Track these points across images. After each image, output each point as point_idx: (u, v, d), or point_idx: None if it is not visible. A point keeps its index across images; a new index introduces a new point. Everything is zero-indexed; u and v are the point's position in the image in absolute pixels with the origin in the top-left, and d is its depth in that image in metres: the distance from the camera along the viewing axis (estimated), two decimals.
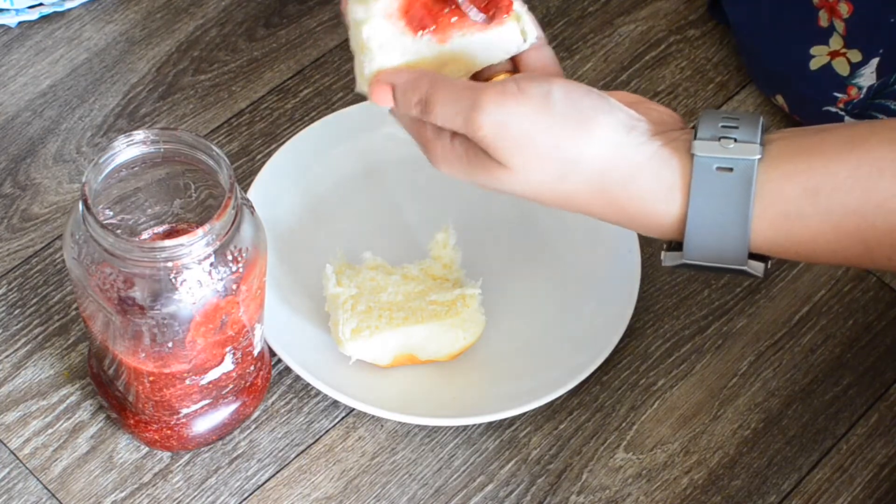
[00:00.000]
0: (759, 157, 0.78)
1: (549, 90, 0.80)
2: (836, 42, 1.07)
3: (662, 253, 0.82)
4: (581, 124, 0.80)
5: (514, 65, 0.88)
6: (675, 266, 0.81)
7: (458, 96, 0.81)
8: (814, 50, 1.08)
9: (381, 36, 0.85)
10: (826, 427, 0.98)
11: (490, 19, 0.86)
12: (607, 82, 1.14)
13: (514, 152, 0.80)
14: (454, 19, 0.86)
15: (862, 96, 1.05)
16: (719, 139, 0.79)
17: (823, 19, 1.07)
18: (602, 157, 0.80)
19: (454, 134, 0.82)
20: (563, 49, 1.15)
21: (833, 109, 1.07)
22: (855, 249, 0.78)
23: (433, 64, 0.86)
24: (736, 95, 1.14)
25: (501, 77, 0.86)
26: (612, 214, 0.81)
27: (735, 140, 0.79)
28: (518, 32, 0.87)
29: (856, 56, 1.06)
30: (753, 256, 0.80)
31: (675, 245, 0.81)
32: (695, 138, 0.80)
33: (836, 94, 1.07)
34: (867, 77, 1.05)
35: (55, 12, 1.13)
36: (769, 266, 0.81)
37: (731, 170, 0.78)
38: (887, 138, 0.77)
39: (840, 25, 1.06)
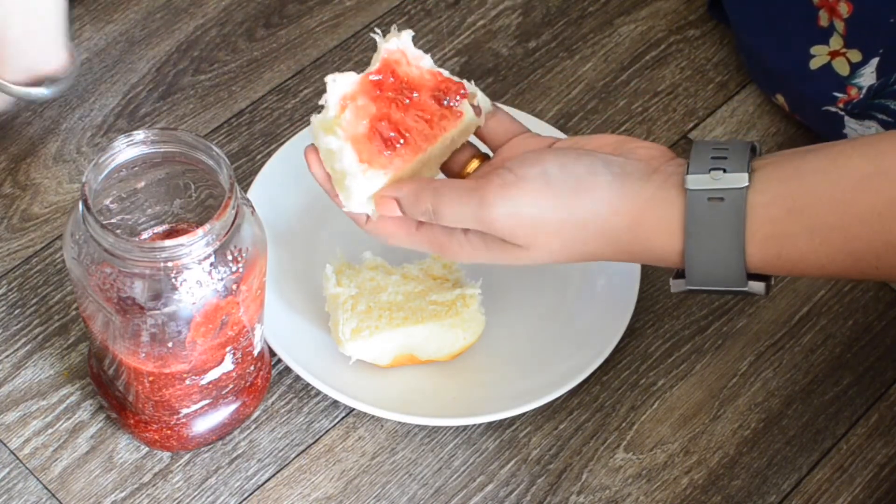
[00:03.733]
0: (746, 185, 0.82)
1: (545, 170, 0.85)
2: (836, 42, 1.07)
3: (671, 280, 0.86)
4: (582, 192, 0.85)
5: (480, 136, 0.93)
6: (682, 292, 0.86)
7: (463, 200, 0.86)
8: (814, 50, 1.08)
9: (357, 167, 0.88)
10: (826, 427, 0.98)
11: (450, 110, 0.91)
12: (607, 82, 1.14)
13: (529, 235, 0.85)
14: (420, 124, 0.89)
15: (862, 96, 1.05)
16: (710, 171, 0.83)
17: (823, 19, 1.08)
18: (606, 214, 0.85)
19: (467, 229, 0.87)
20: (563, 49, 1.16)
21: (833, 109, 1.07)
22: (843, 262, 0.82)
23: (413, 170, 0.89)
24: (736, 95, 1.14)
25: (474, 164, 0.91)
26: (622, 256, 0.87)
27: (724, 171, 0.83)
28: (474, 114, 0.91)
29: (856, 56, 1.06)
30: (753, 277, 0.84)
31: (681, 273, 0.85)
32: (687, 172, 0.84)
33: (836, 94, 1.06)
34: (867, 77, 1.05)
35: None
36: (772, 283, 0.85)
37: (721, 199, 0.83)
38: (865, 154, 0.81)
39: (840, 25, 1.06)
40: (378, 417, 0.95)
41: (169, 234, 0.91)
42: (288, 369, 0.97)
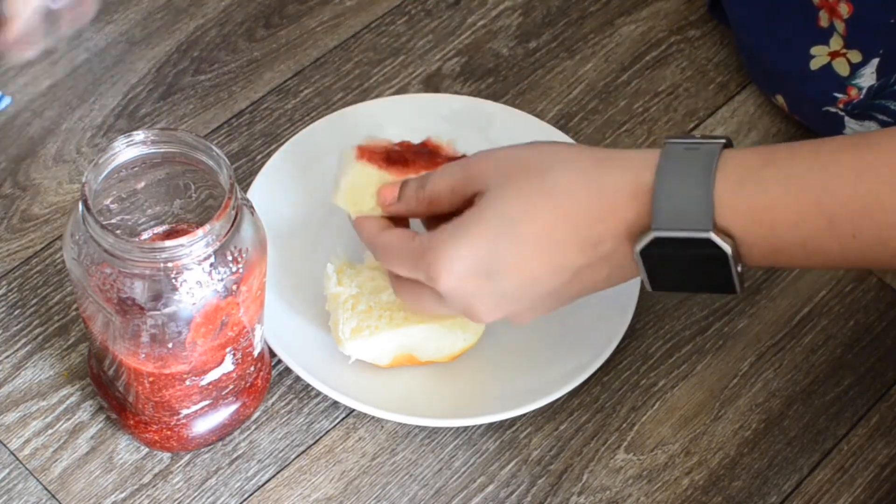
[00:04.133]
0: (723, 141, 0.82)
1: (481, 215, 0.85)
2: (836, 42, 1.07)
3: (637, 261, 0.84)
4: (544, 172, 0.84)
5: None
6: (645, 249, 0.82)
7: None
8: (814, 50, 1.08)
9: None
10: (827, 427, 0.98)
11: None
12: (608, 82, 1.14)
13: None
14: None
15: (862, 97, 1.05)
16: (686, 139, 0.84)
17: (823, 19, 1.07)
18: (567, 186, 0.84)
19: None
20: (564, 49, 1.15)
21: (833, 110, 1.07)
22: (816, 222, 0.80)
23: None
24: (736, 95, 1.14)
25: None
26: (589, 232, 0.84)
27: (701, 137, 0.84)
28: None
29: (856, 56, 1.06)
30: (720, 236, 0.81)
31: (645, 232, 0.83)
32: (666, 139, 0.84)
33: (836, 95, 1.06)
34: (867, 77, 1.05)
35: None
36: (737, 245, 0.82)
37: (697, 148, 0.82)
38: (839, 145, 0.81)
39: (840, 26, 1.06)
40: (378, 418, 0.95)
41: (169, 235, 0.91)
42: (288, 370, 0.97)
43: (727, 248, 0.81)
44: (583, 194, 0.83)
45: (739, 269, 0.83)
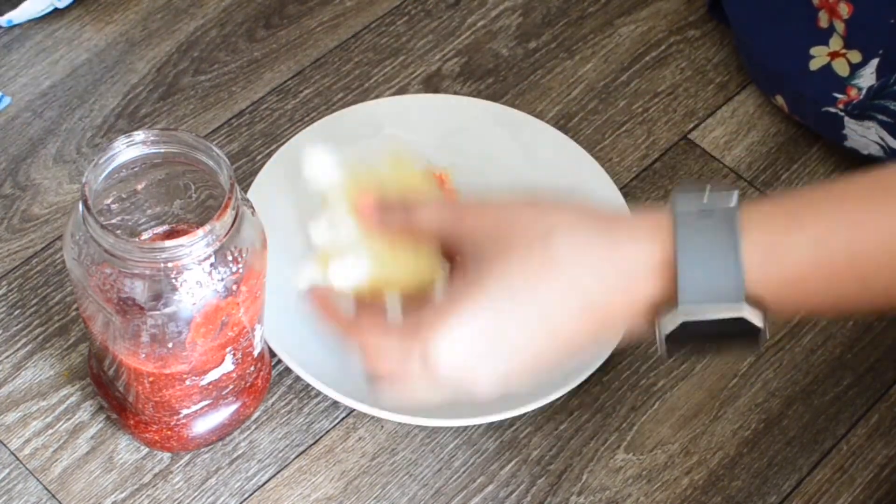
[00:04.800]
0: (736, 202, 0.76)
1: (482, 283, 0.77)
2: (835, 43, 1.07)
3: (657, 334, 0.77)
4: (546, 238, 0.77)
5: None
6: (672, 335, 0.76)
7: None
8: (814, 50, 1.08)
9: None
10: (826, 427, 0.98)
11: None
12: (607, 83, 1.14)
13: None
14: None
15: (862, 97, 1.05)
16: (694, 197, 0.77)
17: (823, 20, 1.08)
18: (571, 251, 0.77)
19: None
20: (563, 49, 1.15)
21: (833, 110, 1.07)
22: (850, 286, 0.75)
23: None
24: (736, 96, 1.14)
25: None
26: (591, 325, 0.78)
27: (709, 189, 0.76)
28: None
29: (856, 57, 1.06)
30: (752, 312, 0.76)
31: (663, 312, 0.77)
32: (674, 206, 0.76)
33: (836, 95, 1.06)
34: (867, 78, 1.05)
35: (55, 9, 1.13)
36: (767, 320, 0.76)
37: (711, 212, 0.75)
38: (861, 195, 0.75)
39: (840, 26, 1.06)
40: (378, 418, 0.95)
41: (169, 235, 0.91)
42: (288, 370, 0.97)
43: (760, 324, 0.75)
44: (593, 264, 0.77)
45: (767, 334, 0.77)
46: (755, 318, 0.75)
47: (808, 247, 0.74)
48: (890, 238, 0.74)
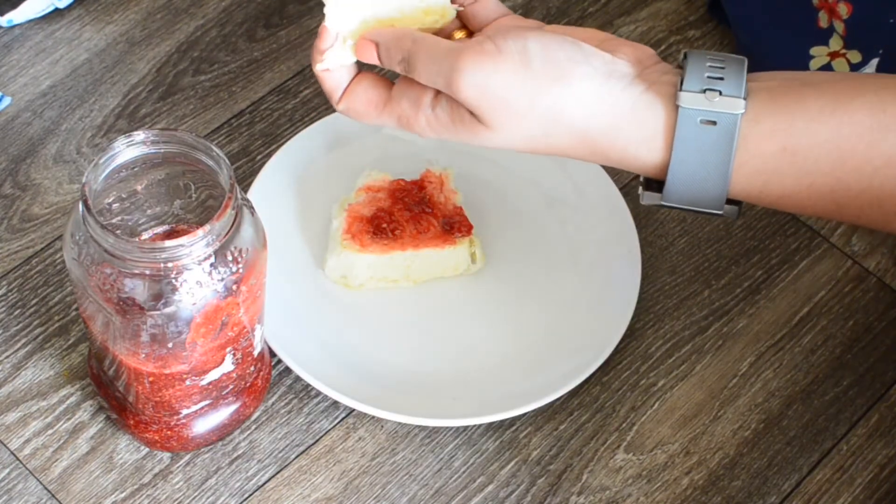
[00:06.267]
0: (742, 111, 0.80)
1: (525, 46, 0.81)
2: (835, 43, 1.07)
3: (640, 189, 0.83)
4: (558, 79, 0.81)
5: (462, 20, 0.88)
6: (652, 205, 0.83)
7: (438, 58, 0.82)
8: (813, 50, 1.08)
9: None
10: (826, 427, 0.98)
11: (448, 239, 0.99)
12: None
13: (495, 113, 0.81)
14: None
15: None
16: (704, 91, 0.80)
17: (823, 20, 1.08)
18: (582, 111, 0.81)
19: (438, 92, 0.83)
20: None
21: None
22: (826, 207, 0.80)
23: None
24: None
25: (459, 35, 0.87)
26: (594, 158, 0.83)
27: (720, 93, 0.80)
28: (468, 254, 0.99)
29: (855, 57, 1.06)
30: (729, 202, 0.82)
31: (653, 185, 0.83)
32: (681, 88, 0.81)
33: None
34: None
35: (55, 9, 1.13)
36: (742, 207, 0.83)
37: (714, 123, 0.80)
38: (869, 102, 0.79)
39: (840, 26, 1.07)
40: (378, 418, 0.95)
41: (169, 235, 0.91)
42: (288, 370, 0.97)
43: (733, 215, 0.82)
44: (591, 157, 0.83)
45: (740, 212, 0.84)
46: (730, 213, 0.82)
47: (794, 177, 0.80)
48: (874, 176, 0.79)
